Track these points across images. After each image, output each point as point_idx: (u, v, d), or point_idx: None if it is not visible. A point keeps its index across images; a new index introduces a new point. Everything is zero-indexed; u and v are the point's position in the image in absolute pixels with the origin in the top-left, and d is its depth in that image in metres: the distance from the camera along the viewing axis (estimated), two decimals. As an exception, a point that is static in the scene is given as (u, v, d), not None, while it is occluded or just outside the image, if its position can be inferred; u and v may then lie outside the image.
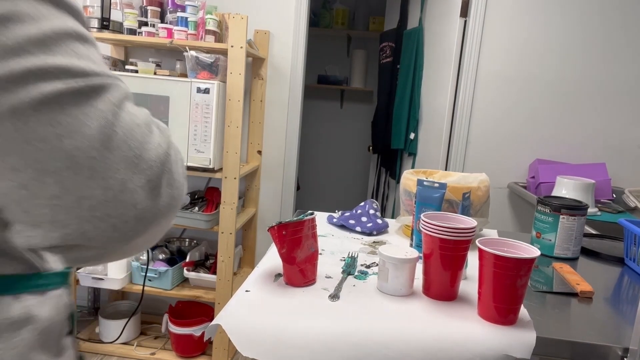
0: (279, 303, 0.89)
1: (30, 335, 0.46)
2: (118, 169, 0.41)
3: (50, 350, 0.49)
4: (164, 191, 0.45)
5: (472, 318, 0.87)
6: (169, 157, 0.46)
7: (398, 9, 3.07)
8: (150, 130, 0.48)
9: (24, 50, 0.37)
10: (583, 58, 2.34)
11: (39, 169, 0.38)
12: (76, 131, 0.39)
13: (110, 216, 0.41)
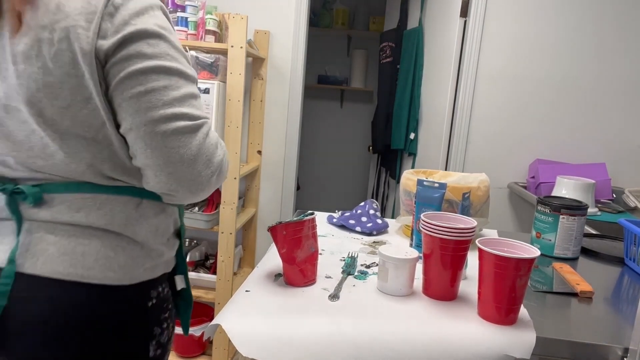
0: (279, 303, 0.89)
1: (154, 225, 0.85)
2: (200, 166, 0.79)
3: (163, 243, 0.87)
4: (215, 179, 0.83)
5: (472, 318, 0.87)
6: (223, 162, 0.85)
7: (398, 9, 3.07)
8: (217, 147, 0.83)
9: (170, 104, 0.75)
10: (583, 58, 2.34)
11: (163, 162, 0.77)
12: (186, 146, 0.77)
13: (189, 185, 0.79)
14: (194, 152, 0.77)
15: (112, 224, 0.80)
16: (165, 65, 0.76)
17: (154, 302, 0.86)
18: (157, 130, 0.75)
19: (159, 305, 0.87)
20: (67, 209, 0.79)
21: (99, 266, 0.78)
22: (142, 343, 0.84)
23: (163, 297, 0.89)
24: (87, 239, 0.79)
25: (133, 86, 0.74)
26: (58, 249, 0.77)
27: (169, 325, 0.90)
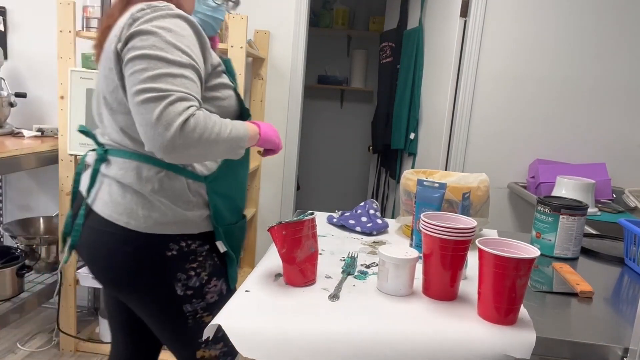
0: (279, 303, 0.89)
1: (165, 189, 1.10)
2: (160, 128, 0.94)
3: (174, 206, 1.11)
4: (180, 140, 0.95)
5: (472, 318, 0.87)
6: (185, 126, 0.96)
7: (398, 9, 3.07)
8: (180, 114, 0.96)
9: (143, 81, 0.96)
10: (583, 58, 2.34)
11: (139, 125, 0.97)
12: (149, 113, 0.95)
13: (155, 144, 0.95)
14: (155, 117, 0.93)
15: (137, 184, 1.09)
16: (147, 53, 0.97)
17: (174, 253, 1.12)
18: (134, 101, 0.96)
19: (181, 257, 1.13)
20: (117, 169, 1.10)
21: (126, 214, 1.09)
22: (164, 281, 1.13)
23: (187, 251, 1.14)
24: (123, 193, 1.10)
25: (126, 70, 1.00)
26: (109, 197, 1.10)
27: (199, 274, 1.16)
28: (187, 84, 0.99)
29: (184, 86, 0.98)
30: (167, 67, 0.97)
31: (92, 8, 2.11)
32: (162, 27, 1.00)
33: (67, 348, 2.32)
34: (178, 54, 0.99)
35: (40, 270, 2.35)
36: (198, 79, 1.03)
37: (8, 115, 2.35)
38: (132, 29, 1.00)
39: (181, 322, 1.17)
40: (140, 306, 1.18)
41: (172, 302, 1.14)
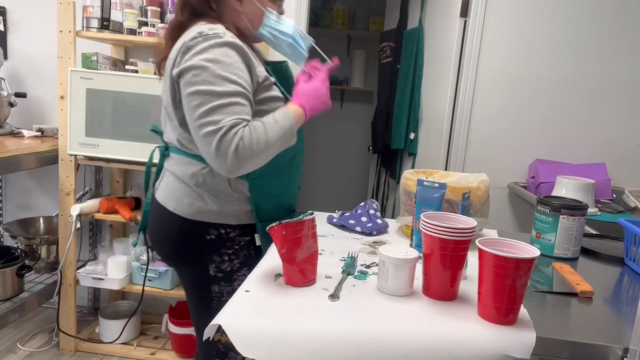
0: (279, 303, 0.89)
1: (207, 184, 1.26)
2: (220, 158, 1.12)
3: (215, 199, 1.26)
4: (237, 163, 1.13)
5: (472, 318, 0.87)
6: (238, 151, 1.13)
7: (398, 9, 3.07)
8: (231, 142, 1.12)
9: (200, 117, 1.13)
10: (583, 58, 2.34)
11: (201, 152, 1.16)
12: (209, 145, 1.11)
13: (218, 169, 1.14)
14: (213, 150, 1.10)
15: (185, 177, 1.27)
16: (200, 89, 1.13)
17: (212, 237, 1.28)
18: (197, 134, 1.14)
19: (219, 242, 1.29)
20: (174, 163, 1.30)
21: (175, 201, 1.28)
22: (200, 260, 1.29)
23: (225, 238, 1.29)
24: (175, 183, 1.29)
25: (185, 104, 1.16)
26: (165, 186, 1.32)
27: (232, 260, 1.29)
28: (236, 109, 1.14)
29: (234, 112, 1.12)
30: (219, 99, 1.12)
31: (92, 8, 2.11)
32: (211, 60, 1.14)
33: (67, 348, 2.32)
34: (226, 84, 1.14)
35: (40, 270, 2.35)
36: (247, 100, 1.17)
37: (8, 115, 2.35)
38: (185, 62, 1.15)
39: (206, 301, 1.30)
40: (182, 279, 1.38)
41: (203, 280, 1.30)
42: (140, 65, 2.15)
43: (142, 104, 2.02)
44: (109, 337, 2.36)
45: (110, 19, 2.14)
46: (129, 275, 2.26)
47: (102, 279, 2.22)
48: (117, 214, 2.20)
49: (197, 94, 1.13)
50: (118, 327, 2.33)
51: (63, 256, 2.22)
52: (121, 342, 2.36)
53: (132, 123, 2.04)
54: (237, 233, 1.30)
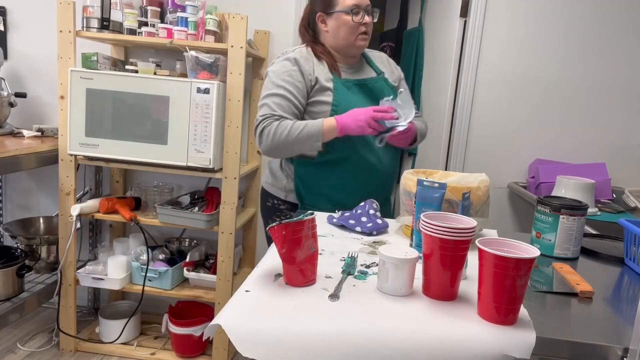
0: (279, 303, 0.89)
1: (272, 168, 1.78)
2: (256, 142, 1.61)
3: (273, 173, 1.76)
4: (262, 147, 1.58)
5: (472, 318, 0.87)
6: (262, 139, 1.56)
7: (398, 9, 3.07)
8: (260, 133, 1.57)
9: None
10: (583, 58, 2.34)
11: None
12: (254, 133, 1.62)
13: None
14: (255, 134, 1.58)
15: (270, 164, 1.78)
16: (262, 91, 1.61)
17: (268, 204, 1.76)
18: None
19: (272, 209, 1.74)
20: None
21: (264, 179, 1.79)
22: (265, 221, 1.81)
23: (276, 208, 1.73)
24: (267, 168, 1.79)
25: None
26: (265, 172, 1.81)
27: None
28: (272, 106, 1.55)
29: (270, 109, 1.55)
30: (265, 99, 1.57)
31: (92, 8, 2.11)
32: (272, 71, 1.61)
33: (67, 348, 2.32)
34: (273, 87, 1.57)
35: (40, 270, 2.35)
36: (286, 99, 1.56)
37: (8, 115, 2.35)
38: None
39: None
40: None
41: (267, 238, 1.80)
42: (140, 65, 2.15)
43: (142, 104, 2.02)
44: (109, 337, 2.36)
45: (110, 19, 2.14)
46: (129, 275, 2.26)
47: (102, 279, 2.22)
48: (117, 214, 2.20)
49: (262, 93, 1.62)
50: (118, 327, 2.34)
51: (63, 256, 2.22)
52: (121, 342, 2.36)
53: (132, 123, 2.04)
54: (285, 207, 1.71)
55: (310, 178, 1.65)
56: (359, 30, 1.61)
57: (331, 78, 1.62)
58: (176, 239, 2.55)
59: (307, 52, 1.64)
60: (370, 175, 1.64)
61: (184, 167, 2.06)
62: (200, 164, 2.03)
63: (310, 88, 1.60)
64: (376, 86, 1.69)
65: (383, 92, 1.67)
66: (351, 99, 1.61)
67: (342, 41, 1.63)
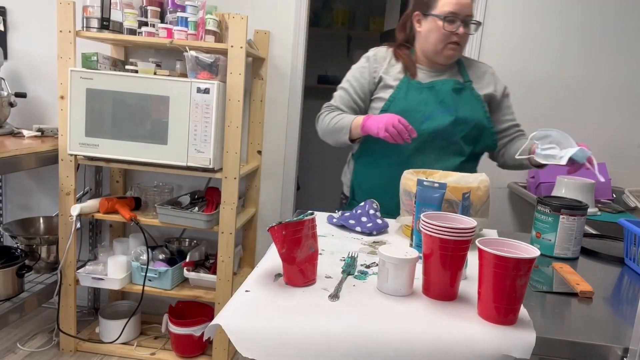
0: (279, 303, 0.89)
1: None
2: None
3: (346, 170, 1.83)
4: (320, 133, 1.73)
5: (472, 318, 0.87)
6: (318, 127, 1.72)
7: (398, 9, 3.07)
8: (318, 120, 1.73)
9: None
10: (583, 58, 2.34)
11: None
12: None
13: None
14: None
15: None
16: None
17: (341, 197, 1.83)
18: None
19: (341, 203, 1.82)
20: None
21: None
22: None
23: (344, 202, 1.81)
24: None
25: None
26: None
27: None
28: (336, 97, 1.71)
29: (334, 99, 1.71)
30: (336, 91, 1.73)
31: (92, 8, 2.12)
32: (352, 66, 1.72)
33: (67, 348, 2.32)
34: (344, 81, 1.71)
35: (40, 270, 2.35)
36: (347, 93, 1.67)
37: (8, 115, 2.35)
38: None
39: None
40: None
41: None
42: (140, 65, 2.15)
43: (142, 104, 2.02)
44: (109, 337, 2.36)
45: (110, 19, 2.14)
46: (129, 275, 2.26)
47: (102, 279, 2.22)
48: (117, 214, 2.20)
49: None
50: (118, 327, 2.34)
51: (63, 256, 2.22)
52: (121, 342, 2.36)
53: (132, 123, 2.04)
54: (345, 201, 1.79)
55: (362, 175, 1.70)
56: (449, 39, 1.56)
57: (400, 78, 1.62)
58: (176, 239, 2.55)
59: (386, 51, 1.68)
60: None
61: (184, 167, 2.06)
62: (200, 164, 2.03)
63: (374, 85, 1.65)
64: (451, 89, 1.61)
65: (457, 97, 1.60)
66: (412, 98, 1.59)
67: (431, 46, 1.59)
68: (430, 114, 1.57)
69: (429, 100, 1.59)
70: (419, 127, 1.54)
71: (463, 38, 1.58)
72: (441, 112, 1.58)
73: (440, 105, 1.58)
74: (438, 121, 1.57)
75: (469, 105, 1.61)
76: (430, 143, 1.59)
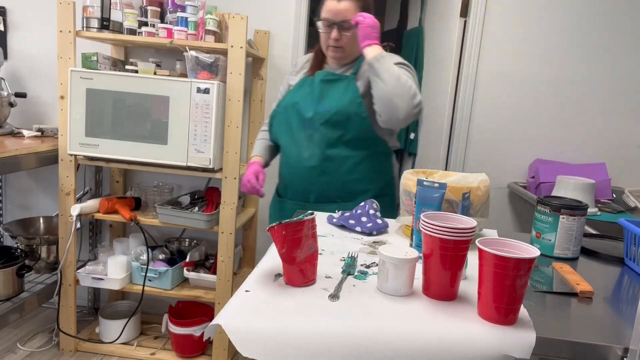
0: (279, 303, 0.89)
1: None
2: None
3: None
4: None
5: (472, 318, 0.87)
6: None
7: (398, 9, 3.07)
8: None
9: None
10: (583, 58, 2.34)
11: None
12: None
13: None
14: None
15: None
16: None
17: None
18: None
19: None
20: None
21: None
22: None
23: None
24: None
25: None
26: None
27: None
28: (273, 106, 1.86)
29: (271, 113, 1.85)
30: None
31: (92, 8, 2.11)
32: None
33: (67, 348, 2.32)
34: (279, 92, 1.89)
35: (40, 270, 2.35)
36: (276, 104, 1.82)
37: (8, 115, 2.35)
38: None
39: None
40: None
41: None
42: (140, 65, 2.15)
43: (142, 104, 2.02)
44: (109, 337, 2.36)
45: (110, 19, 2.14)
46: (129, 275, 2.26)
47: (102, 279, 2.22)
48: (117, 214, 2.20)
49: None
50: (118, 327, 2.34)
51: (63, 256, 2.22)
52: (121, 342, 2.36)
53: (132, 123, 2.04)
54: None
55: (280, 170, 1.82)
56: (327, 42, 1.66)
57: (302, 77, 1.75)
58: (176, 239, 2.55)
59: (309, 57, 1.79)
60: (291, 166, 1.73)
61: (184, 167, 2.06)
62: (200, 164, 2.03)
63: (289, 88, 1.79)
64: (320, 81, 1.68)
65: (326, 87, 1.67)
66: (298, 93, 1.71)
67: (322, 48, 1.71)
68: (301, 106, 1.67)
69: (305, 93, 1.69)
70: (295, 118, 1.69)
71: (343, 42, 1.64)
72: (307, 103, 1.67)
73: (309, 97, 1.67)
74: (303, 111, 1.67)
75: (336, 95, 1.64)
76: (300, 132, 1.68)
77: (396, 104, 1.49)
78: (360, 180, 1.68)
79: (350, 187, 1.68)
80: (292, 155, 1.71)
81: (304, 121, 1.66)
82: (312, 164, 1.66)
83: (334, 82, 1.67)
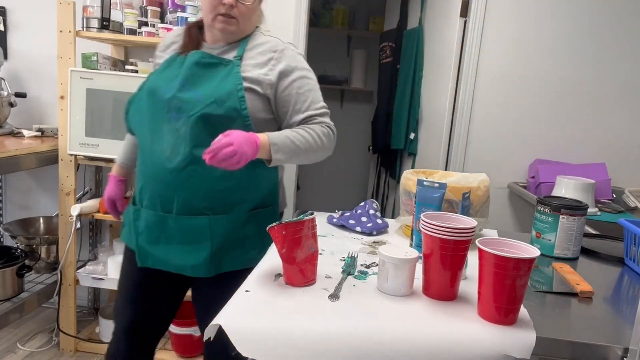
0: (279, 303, 0.89)
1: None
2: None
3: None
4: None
5: (472, 318, 0.87)
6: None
7: (398, 9, 3.07)
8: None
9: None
10: (583, 58, 2.34)
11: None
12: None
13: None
14: None
15: None
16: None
17: None
18: None
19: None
20: None
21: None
22: None
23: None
24: None
25: None
26: None
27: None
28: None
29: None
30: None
31: (92, 8, 2.11)
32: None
33: (67, 348, 2.32)
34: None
35: (40, 270, 2.35)
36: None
37: (8, 115, 2.35)
38: None
39: None
40: None
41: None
42: (140, 65, 2.15)
43: (142, 104, 2.02)
44: (109, 337, 2.35)
45: (110, 19, 2.14)
46: (129, 275, 2.26)
47: (102, 279, 2.22)
48: (117, 214, 2.20)
49: None
50: (118, 327, 2.33)
51: (63, 256, 2.22)
52: (121, 342, 2.35)
53: (132, 123, 2.03)
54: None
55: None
56: (216, 10, 1.29)
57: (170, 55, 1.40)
58: (176, 239, 2.55)
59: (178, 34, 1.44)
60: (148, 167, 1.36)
61: (184, 167, 2.06)
62: (200, 164, 2.03)
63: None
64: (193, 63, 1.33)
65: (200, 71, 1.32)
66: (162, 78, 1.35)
67: (204, 17, 1.35)
68: (165, 92, 1.31)
69: (172, 75, 1.34)
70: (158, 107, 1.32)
71: (235, 10, 1.29)
72: (172, 89, 1.30)
73: (175, 81, 1.31)
74: (160, 97, 1.31)
75: (213, 83, 1.30)
76: (163, 125, 1.31)
77: (318, 159, 1.38)
78: (234, 190, 1.34)
79: (223, 197, 1.33)
80: (150, 153, 1.34)
81: (168, 111, 1.30)
82: (175, 165, 1.29)
83: (212, 66, 1.33)
